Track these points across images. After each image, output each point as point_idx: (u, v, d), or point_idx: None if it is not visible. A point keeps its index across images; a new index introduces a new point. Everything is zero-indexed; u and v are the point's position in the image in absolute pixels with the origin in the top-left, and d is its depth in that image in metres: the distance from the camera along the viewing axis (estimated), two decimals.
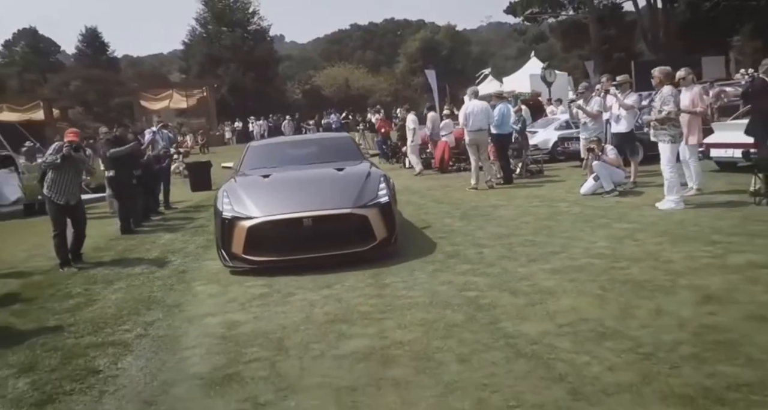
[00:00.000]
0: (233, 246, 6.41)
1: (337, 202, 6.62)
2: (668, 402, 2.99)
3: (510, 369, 3.51)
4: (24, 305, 5.82)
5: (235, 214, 6.52)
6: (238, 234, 6.39)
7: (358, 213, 6.49)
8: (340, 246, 6.44)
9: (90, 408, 3.47)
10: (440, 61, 48.93)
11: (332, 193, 6.81)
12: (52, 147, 7.57)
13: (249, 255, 6.35)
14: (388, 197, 6.80)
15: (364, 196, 6.67)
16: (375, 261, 6.23)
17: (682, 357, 3.49)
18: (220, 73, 45.17)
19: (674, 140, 7.86)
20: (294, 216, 6.41)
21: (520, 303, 4.67)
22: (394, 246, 6.62)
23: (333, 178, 7.26)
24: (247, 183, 7.39)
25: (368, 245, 6.42)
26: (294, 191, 6.99)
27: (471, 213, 8.93)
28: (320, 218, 6.40)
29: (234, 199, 6.77)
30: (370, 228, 6.46)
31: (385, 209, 6.65)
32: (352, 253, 6.39)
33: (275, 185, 7.22)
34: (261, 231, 6.40)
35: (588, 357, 3.59)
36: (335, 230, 6.53)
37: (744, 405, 2.92)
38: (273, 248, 6.45)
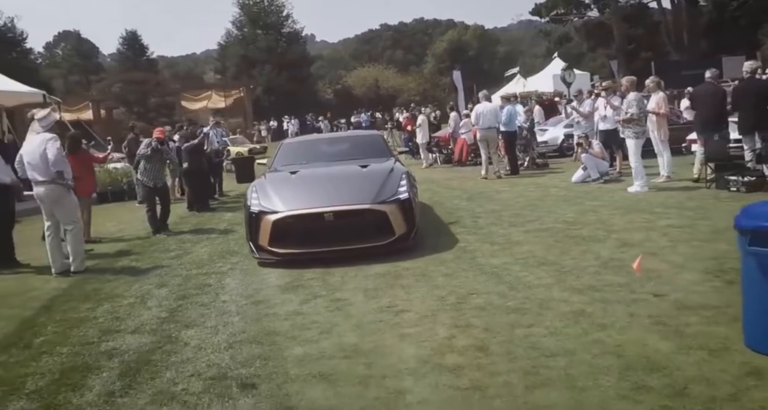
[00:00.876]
0: (260, 238, 6.85)
1: (357, 197, 6.98)
2: (568, 292, 5.01)
3: (475, 279, 5.57)
4: (138, 256, 8.05)
5: (261, 208, 6.97)
6: (264, 227, 6.81)
7: (377, 209, 6.83)
8: (360, 240, 6.80)
9: (212, 299, 5.64)
10: (467, 61, 50.84)
11: (354, 188, 7.20)
12: (144, 142, 9.84)
13: (274, 247, 6.78)
14: (408, 194, 7.11)
15: (384, 193, 7.02)
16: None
17: (587, 273, 5.50)
18: (255, 74, 47.73)
19: (638, 136, 9.80)
20: (316, 210, 6.80)
21: (494, 249, 6.73)
22: (413, 241, 7.01)
23: (356, 175, 7.64)
24: (275, 179, 7.93)
25: (387, 240, 6.78)
26: (318, 187, 7.39)
27: (476, 196, 10.96)
28: (341, 213, 6.78)
29: (261, 194, 7.23)
30: (389, 223, 6.80)
31: (405, 205, 6.97)
32: (371, 247, 6.75)
33: (301, 181, 7.68)
34: (285, 225, 6.80)
35: (527, 273, 5.64)
36: (355, 225, 6.89)
37: (611, 290, 4.93)
38: (296, 241, 6.86)
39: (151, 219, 9.53)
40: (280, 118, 39.67)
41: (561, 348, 3.86)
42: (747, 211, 3.65)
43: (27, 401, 3.73)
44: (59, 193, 7.17)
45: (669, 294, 4.70)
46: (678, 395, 3.14)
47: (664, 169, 10.73)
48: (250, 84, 43.78)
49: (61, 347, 4.64)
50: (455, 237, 7.53)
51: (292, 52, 49.69)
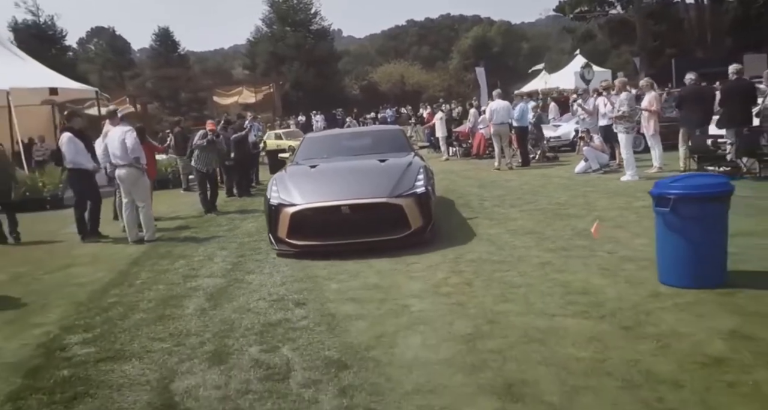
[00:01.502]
0: (279, 230, 7.13)
1: (374, 191, 7.18)
2: (542, 251, 6.46)
3: (472, 243, 7.07)
4: (196, 229, 9.69)
5: (280, 201, 7.23)
6: (282, 219, 7.07)
7: (393, 203, 7.02)
8: (376, 233, 7.00)
9: (264, 256, 7.22)
10: (492, 57, 51.96)
11: (371, 182, 7.41)
12: (198, 133, 11.50)
13: (292, 239, 7.04)
14: (425, 188, 7.30)
15: (400, 187, 7.20)
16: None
17: (562, 239, 6.95)
18: (284, 70, 49.49)
19: (628, 131, 11.17)
20: (333, 204, 7.02)
21: (491, 223, 8.22)
22: (430, 234, 7.21)
23: (374, 169, 7.88)
24: (294, 172, 8.19)
25: (403, 233, 6.98)
26: (336, 180, 7.63)
27: (487, 184, 12.41)
28: (357, 206, 6.99)
29: (281, 187, 7.49)
30: (405, 217, 6.99)
31: (422, 199, 7.17)
32: (387, 240, 6.95)
33: (320, 175, 7.92)
34: (303, 217, 7.04)
35: (514, 239, 7.12)
36: (371, 218, 7.09)
37: (576, 249, 6.38)
38: (314, 233, 7.08)
39: (203, 201, 11.16)
40: (308, 113, 41.27)
41: (525, 283, 5.35)
42: (656, 184, 5.11)
43: (144, 314, 5.32)
44: (136, 175, 8.81)
45: (619, 252, 6.15)
46: (596, 305, 4.63)
47: (656, 160, 12.05)
48: (279, 80, 45.53)
49: (157, 285, 6.26)
50: (462, 215, 9.02)
51: (320, 49, 51.34)
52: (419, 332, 4.37)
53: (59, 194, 13.97)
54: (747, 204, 8.00)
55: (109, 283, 6.50)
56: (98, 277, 6.79)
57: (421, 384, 3.53)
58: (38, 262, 7.95)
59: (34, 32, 49.60)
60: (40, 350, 4.58)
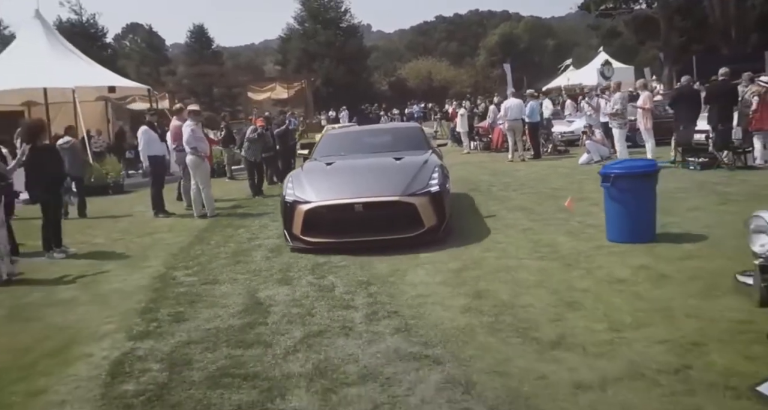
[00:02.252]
0: (293, 227, 7.34)
1: (387, 189, 7.28)
2: (528, 221, 8.27)
3: (474, 216, 8.91)
4: (248, 208, 11.70)
5: (295, 199, 7.41)
6: (297, 216, 7.26)
7: (406, 201, 7.12)
8: (389, 231, 7.12)
9: None
10: (518, 54, 53.48)
11: (385, 180, 7.51)
12: (249, 128, 13.50)
13: (306, 236, 7.23)
14: (438, 187, 7.38)
15: (414, 185, 7.29)
16: None
17: (546, 213, 8.75)
18: (315, 67, 51.63)
19: (621, 127, 12.89)
20: (346, 201, 7.16)
21: (493, 202, 10.07)
22: (444, 233, 7.35)
23: (389, 167, 7.96)
24: (310, 169, 8.44)
25: (416, 232, 7.10)
26: (350, 178, 7.76)
27: (498, 174, 14.21)
28: (370, 204, 7.11)
29: (296, 184, 7.67)
30: (418, 215, 7.09)
31: (435, 198, 7.27)
32: (400, 239, 7.07)
33: (335, 172, 8.07)
34: (316, 215, 7.18)
35: (508, 213, 8.97)
36: (384, 216, 7.21)
37: (554, 220, 8.19)
38: (327, 230, 7.23)
39: (251, 185, 13.16)
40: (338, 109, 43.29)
41: (507, 241, 7.21)
42: (604, 166, 6.92)
43: (224, 260, 7.30)
44: (198, 161, 10.80)
45: (587, 221, 7.94)
46: (553, 253, 6.48)
47: (649, 153, 13.72)
48: (311, 76, 47.67)
49: (228, 244, 8.25)
50: (470, 197, 10.86)
51: (350, 46, 53.41)
52: (424, 268, 6.27)
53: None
54: (712, 189, 9.78)
55: (190, 243, 8.51)
56: (180, 240, 8.80)
57: (421, 292, 5.44)
58: (126, 231, 10.00)
59: (77, 30, 52.43)
60: (157, 279, 6.58)
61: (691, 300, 4.72)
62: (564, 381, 3.55)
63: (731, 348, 3.80)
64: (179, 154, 11.31)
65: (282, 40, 61.37)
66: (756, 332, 3.91)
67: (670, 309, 4.55)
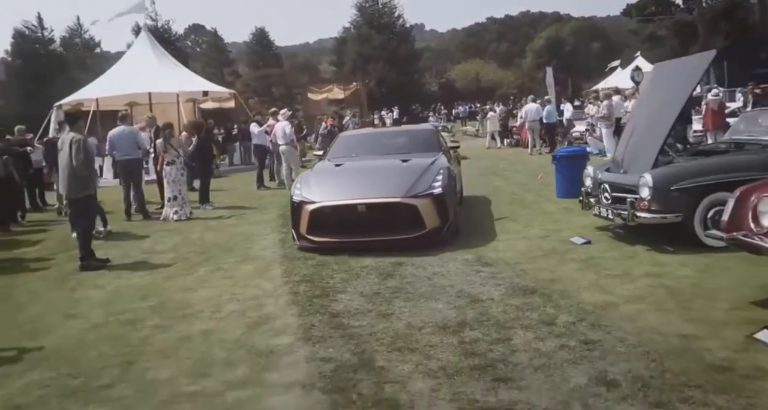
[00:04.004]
0: (300, 226, 7.67)
1: (390, 191, 7.55)
2: (512, 187, 12.70)
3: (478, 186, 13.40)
4: None
5: (302, 199, 7.75)
6: (303, 216, 7.60)
7: (408, 203, 7.41)
8: (392, 232, 7.39)
9: None
10: (564, 56, 57.15)
11: (388, 182, 7.79)
12: (321, 126, 18.29)
13: (311, 235, 7.59)
14: (442, 189, 7.62)
15: (417, 187, 7.55)
16: None
17: (529, 182, 13.16)
18: (369, 69, 56.46)
19: (608, 127, 17.10)
20: (349, 202, 7.49)
21: (498, 178, 14.55)
22: (447, 235, 7.65)
23: (394, 169, 8.26)
24: (319, 170, 8.87)
25: (417, 233, 7.37)
26: (356, 179, 8.10)
27: (514, 163, 18.56)
28: (373, 205, 7.41)
29: (304, 185, 8.05)
30: (420, 217, 7.37)
31: (438, 200, 7.52)
32: (402, 239, 7.34)
33: (342, 173, 8.46)
34: (321, 215, 7.50)
35: (503, 183, 13.47)
36: (387, 217, 7.48)
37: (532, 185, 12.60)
38: (332, 230, 7.56)
39: None
40: (390, 109, 47.93)
41: (491, 197, 11.65)
42: (556, 151, 11.35)
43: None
44: (290, 150, 15.53)
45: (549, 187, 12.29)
46: (515, 202, 10.94)
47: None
48: (365, 78, 52.50)
49: None
50: (484, 176, 15.28)
51: (402, 49, 58.04)
52: None
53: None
54: None
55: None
56: (282, 201, 13.33)
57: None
58: (243, 197, 14.76)
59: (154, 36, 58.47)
60: (279, 216, 11.21)
61: (566, 213, 9.12)
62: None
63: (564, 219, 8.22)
64: (275, 145, 16.05)
65: (337, 42, 66.56)
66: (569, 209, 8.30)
67: (552, 214, 8.96)
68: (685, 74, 7.54)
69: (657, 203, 6.63)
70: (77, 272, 7.75)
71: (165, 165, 11.65)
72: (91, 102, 22.95)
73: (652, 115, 7.75)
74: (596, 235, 7.72)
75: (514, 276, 6.04)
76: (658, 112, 7.57)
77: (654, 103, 7.99)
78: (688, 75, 7.44)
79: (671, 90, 7.55)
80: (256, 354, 4.56)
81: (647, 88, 9.74)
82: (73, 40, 64.46)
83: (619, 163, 7.86)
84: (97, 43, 67.32)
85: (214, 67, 76.43)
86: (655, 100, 7.98)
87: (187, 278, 7.16)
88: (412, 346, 4.42)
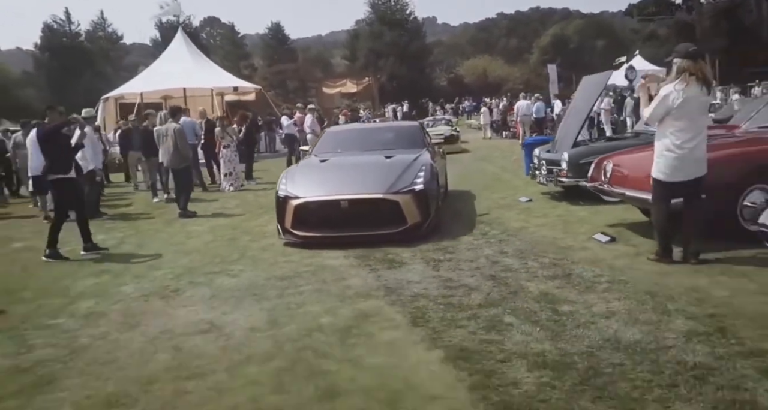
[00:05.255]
0: (285, 221, 8.09)
1: (372, 187, 7.92)
2: (492, 167, 16.26)
3: (468, 168, 16.95)
4: None
5: (287, 194, 8.13)
6: (288, 211, 8.00)
7: (390, 199, 7.79)
8: (374, 227, 7.80)
9: None
10: (569, 53, 60.41)
11: (371, 178, 8.15)
12: (341, 120, 21.87)
13: (296, 230, 8.01)
14: (423, 185, 7.99)
15: (399, 183, 7.92)
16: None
17: (507, 165, 16.71)
18: (381, 64, 60.03)
19: None
20: (332, 198, 7.90)
21: (485, 162, 18.14)
22: (428, 230, 8.02)
23: (377, 165, 8.58)
24: (305, 166, 9.26)
25: (399, 228, 7.79)
26: (339, 175, 8.46)
27: (503, 150, 22.06)
28: (355, 201, 7.79)
29: (289, 180, 8.41)
30: (402, 212, 7.76)
31: (420, 196, 7.91)
32: (384, 234, 7.74)
33: (327, 169, 8.80)
34: (305, 210, 7.91)
35: (487, 164, 17.03)
36: (369, 213, 7.84)
37: (509, 168, 16.17)
38: (316, 225, 7.97)
39: None
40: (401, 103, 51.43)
41: (479, 176, 15.21)
42: (525, 140, 14.91)
43: None
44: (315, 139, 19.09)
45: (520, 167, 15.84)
46: (496, 177, 14.51)
47: None
48: (377, 73, 56.07)
49: None
50: (474, 160, 18.81)
51: (413, 45, 61.58)
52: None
53: None
54: None
55: None
56: None
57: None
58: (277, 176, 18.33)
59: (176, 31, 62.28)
60: None
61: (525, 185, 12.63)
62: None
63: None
64: (301, 134, 19.61)
65: (350, 37, 70.16)
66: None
67: (516, 186, 12.50)
68: (594, 85, 11.06)
69: (571, 172, 10.14)
70: (177, 219, 11.36)
71: (222, 148, 15.27)
72: (135, 96, 26.62)
73: (573, 113, 11.29)
74: (538, 197, 11.25)
75: (485, 222, 9.49)
76: (577, 111, 11.12)
77: (576, 104, 11.53)
78: (596, 86, 10.97)
79: (585, 97, 11.08)
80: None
81: (576, 93, 13.15)
82: (96, 33, 68.42)
83: (552, 146, 11.39)
84: (120, 36, 71.40)
85: (231, 60, 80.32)
86: (577, 103, 11.52)
87: (257, 220, 10.79)
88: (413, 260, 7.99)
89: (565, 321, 4.75)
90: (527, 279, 6.01)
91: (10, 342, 5.22)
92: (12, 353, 4.97)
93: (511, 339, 4.46)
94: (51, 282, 7.29)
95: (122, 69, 68.67)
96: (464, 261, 6.89)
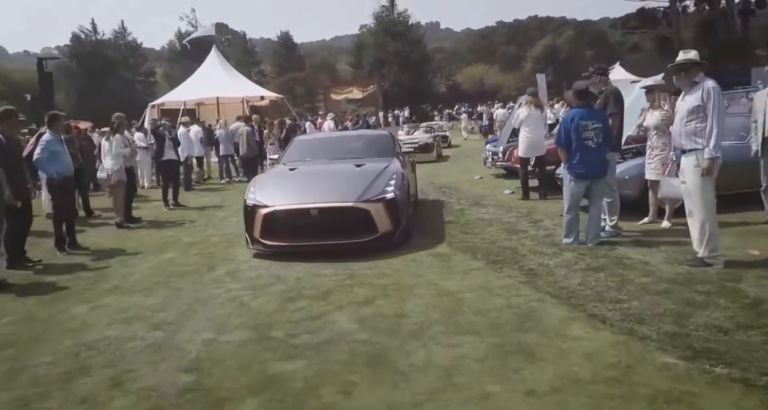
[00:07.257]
0: (254, 231, 8.15)
1: (342, 195, 8.03)
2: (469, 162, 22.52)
3: (450, 159, 23.19)
4: None
5: (255, 202, 8.22)
6: (257, 220, 8.07)
7: (360, 207, 7.89)
8: (344, 236, 7.89)
9: None
10: (560, 62, 66.67)
11: (341, 187, 8.29)
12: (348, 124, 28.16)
13: (264, 239, 8.05)
14: (394, 193, 8.12)
15: (369, 192, 8.06)
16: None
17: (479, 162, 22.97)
18: (384, 72, 66.34)
19: None
20: (302, 206, 7.97)
21: (465, 159, 24.35)
22: (399, 239, 8.20)
23: (347, 173, 8.78)
24: (273, 174, 9.55)
25: (370, 237, 7.91)
26: (309, 184, 8.61)
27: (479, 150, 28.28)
28: (325, 210, 7.88)
29: (258, 189, 8.54)
30: (372, 221, 7.88)
31: (390, 204, 8.03)
32: (355, 243, 7.82)
33: (296, 177, 8.98)
34: (274, 219, 7.99)
35: (465, 160, 23.25)
36: (340, 221, 7.93)
37: None
38: (285, 234, 8.02)
39: None
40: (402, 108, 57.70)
41: (455, 166, 21.45)
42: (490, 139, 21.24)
43: None
44: None
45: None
46: (464, 167, 20.77)
47: None
48: (381, 81, 62.30)
49: None
50: (455, 157, 25.03)
51: (415, 55, 67.90)
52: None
53: None
54: None
55: None
56: None
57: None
58: None
59: None
60: None
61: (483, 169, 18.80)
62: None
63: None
64: None
65: (355, 46, 76.63)
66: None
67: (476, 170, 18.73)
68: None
69: (504, 158, 16.36)
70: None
71: (269, 145, 21.56)
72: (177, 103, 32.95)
73: (509, 120, 17.54)
74: (487, 176, 17.54)
75: (446, 188, 15.55)
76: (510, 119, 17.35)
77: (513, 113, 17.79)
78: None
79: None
80: None
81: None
82: (117, 42, 74.92)
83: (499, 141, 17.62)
84: (139, 44, 77.84)
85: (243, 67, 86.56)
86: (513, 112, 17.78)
87: None
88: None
89: (468, 216, 11.00)
90: (459, 206, 12.33)
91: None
92: None
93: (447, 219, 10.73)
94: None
95: (140, 74, 75.36)
96: (431, 203, 13.22)
